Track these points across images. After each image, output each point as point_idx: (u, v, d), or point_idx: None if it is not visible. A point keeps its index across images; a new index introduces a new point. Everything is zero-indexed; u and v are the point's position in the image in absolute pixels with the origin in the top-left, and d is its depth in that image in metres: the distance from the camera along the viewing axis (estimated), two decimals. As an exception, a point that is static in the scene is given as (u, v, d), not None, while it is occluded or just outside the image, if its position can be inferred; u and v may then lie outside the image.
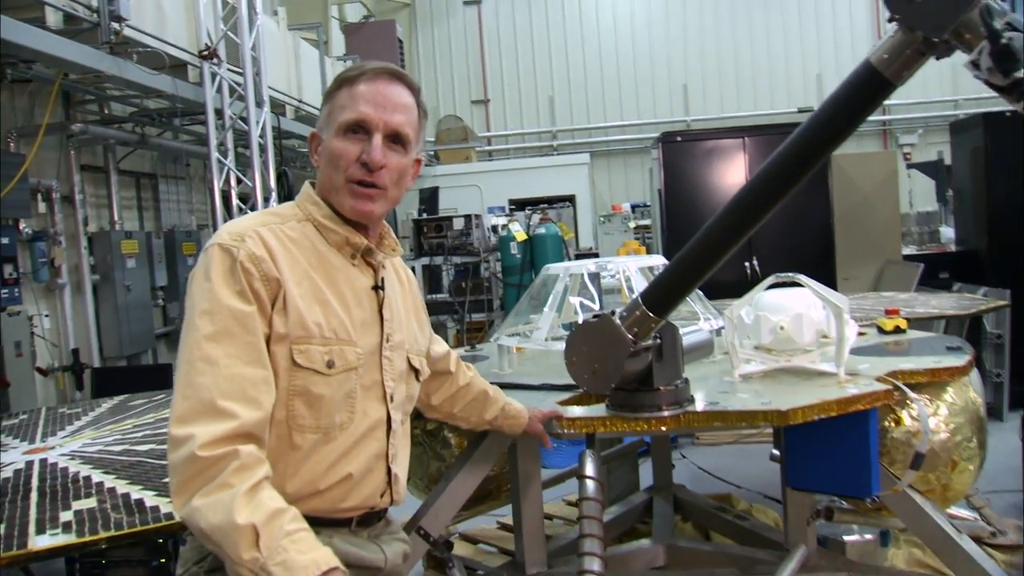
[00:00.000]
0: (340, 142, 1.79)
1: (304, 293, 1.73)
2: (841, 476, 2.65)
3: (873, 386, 2.60)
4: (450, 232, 9.77)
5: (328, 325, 1.75)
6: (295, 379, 1.70)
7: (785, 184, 2.03)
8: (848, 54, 14.88)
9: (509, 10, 16.13)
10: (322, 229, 1.83)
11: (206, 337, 1.60)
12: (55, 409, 4.12)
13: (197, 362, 1.59)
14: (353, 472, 1.80)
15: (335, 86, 1.86)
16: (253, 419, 1.58)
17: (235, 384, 1.58)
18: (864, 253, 7.86)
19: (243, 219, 1.81)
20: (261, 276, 1.68)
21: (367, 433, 1.82)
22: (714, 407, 2.53)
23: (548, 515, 4.29)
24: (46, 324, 6.53)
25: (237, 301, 1.64)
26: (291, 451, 1.72)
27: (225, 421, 1.54)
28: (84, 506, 2.52)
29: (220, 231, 1.75)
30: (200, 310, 1.63)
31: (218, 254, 1.68)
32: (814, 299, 2.93)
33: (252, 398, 1.60)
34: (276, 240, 1.74)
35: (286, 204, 1.92)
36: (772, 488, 4.99)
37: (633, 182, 15.63)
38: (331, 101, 1.85)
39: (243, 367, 1.61)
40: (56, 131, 6.42)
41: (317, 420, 1.73)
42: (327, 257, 1.81)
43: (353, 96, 1.80)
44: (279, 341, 1.69)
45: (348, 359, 1.77)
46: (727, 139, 7.76)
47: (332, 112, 1.83)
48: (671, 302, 2.32)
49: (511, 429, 2.59)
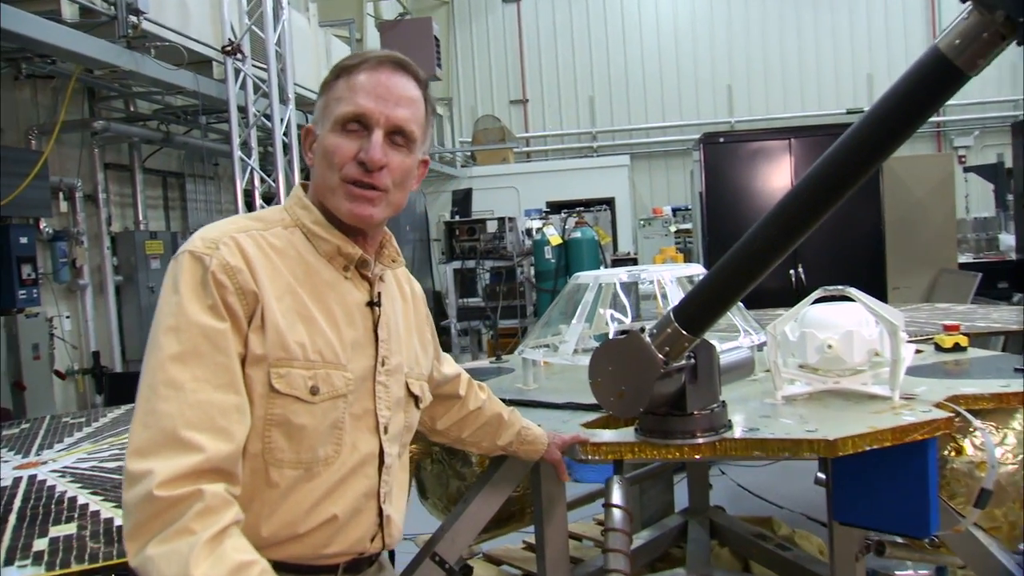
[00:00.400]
0: (336, 138, 1.59)
1: (285, 309, 1.52)
2: (895, 512, 2.42)
3: (932, 413, 2.35)
4: (483, 235, 9.58)
5: (313, 346, 1.54)
6: (273, 407, 1.49)
7: (838, 188, 1.77)
8: (901, 52, 14.52)
9: (549, 8, 15.95)
10: (311, 237, 1.62)
11: (171, 358, 1.40)
12: (59, 418, 3.96)
13: (159, 386, 1.38)
14: (339, 513, 1.58)
15: (332, 76, 1.64)
16: (222, 453, 1.37)
17: (202, 412, 1.38)
18: (917, 261, 7.54)
19: (221, 223, 1.60)
20: (236, 289, 1.47)
21: (356, 469, 1.61)
22: (754, 434, 2.30)
23: (576, 535, 4.12)
24: (66, 326, 6.46)
25: (208, 317, 1.44)
26: (267, 489, 1.51)
27: (189, 455, 1.34)
28: (62, 532, 2.32)
29: (193, 237, 1.54)
30: (165, 327, 1.43)
31: (188, 263, 1.47)
32: (866, 315, 2.68)
33: (221, 428, 1.39)
34: (255, 248, 1.53)
35: (273, 208, 1.71)
36: (817, 510, 4.73)
37: (675, 184, 15.39)
38: (327, 92, 1.63)
39: (212, 392, 1.40)
40: (78, 128, 6.35)
41: (298, 454, 1.52)
42: (315, 268, 1.60)
43: (352, 87, 1.60)
44: (256, 364, 1.48)
45: (335, 385, 1.56)
46: (772, 140, 7.49)
47: (328, 105, 1.62)
48: (707, 319, 2.07)
49: (527, 456, 2.38)
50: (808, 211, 1.82)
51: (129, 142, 7.30)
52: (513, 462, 2.70)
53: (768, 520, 4.41)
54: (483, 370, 3.53)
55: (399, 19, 11.91)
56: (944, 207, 7.85)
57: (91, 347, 6.66)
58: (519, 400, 2.78)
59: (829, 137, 7.38)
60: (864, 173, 1.73)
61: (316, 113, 1.66)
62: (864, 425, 2.26)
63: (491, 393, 2.32)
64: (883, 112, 1.66)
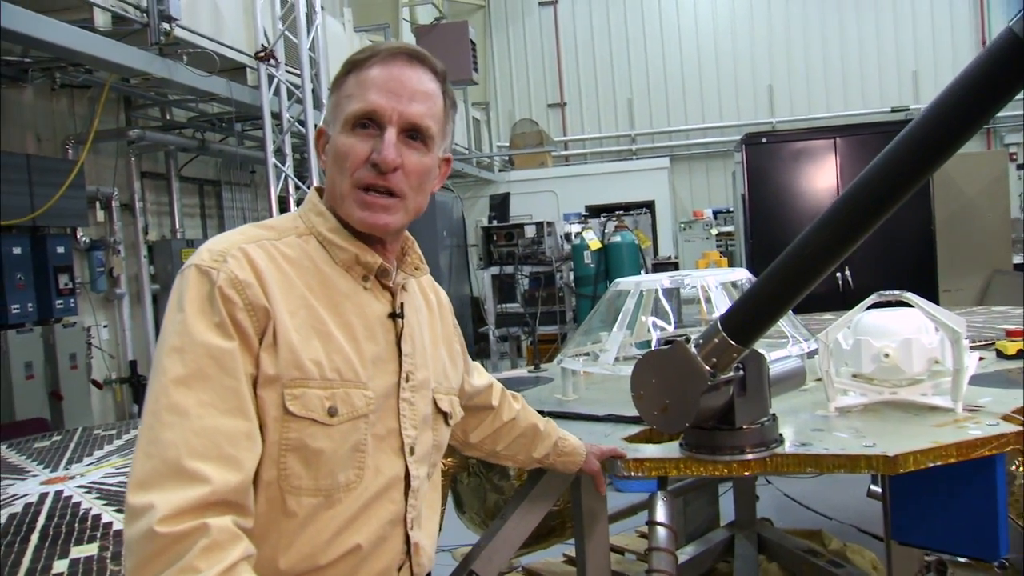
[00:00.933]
0: (346, 139, 1.48)
1: (300, 325, 1.42)
2: (959, 533, 2.29)
3: (1000, 427, 2.22)
4: (521, 240, 9.48)
5: (330, 364, 1.43)
6: (288, 431, 1.39)
7: (903, 185, 1.62)
8: (947, 49, 14.17)
9: (586, 10, 15.84)
10: (327, 245, 1.52)
11: (175, 381, 1.30)
12: (90, 430, 3.92)
13: (163, 412, 1.29)
14: (362, 543, 1.48)
15: (343, 71, 1.54)
16: (230, 484, 1.27)
17: (208, 439, 1.28)
18: (969, 263, 7.33)
19: (230, 234, 1.50)
20: (245, 305, 1.37)
21: (380, 494, 1.50)
22: (807, 449, 2.18)
23: (618, 548, 4.02)
24: (104, 335, 6.47)
25: (214, 336, 1.34)
26: (284, 519, 1.41)
27: (193, 487, 1.24)
28: (83, 553, 2.27)
29: (200, 249, 1.44)
30: (169, 347, 1.33)
31: (194, 278, 1.38)
32: (925, 321, 2.53)
33: (229, 457, 1.29)
34: (267, 259, 1.43)
35: (286, 215, 1.61)
36: (868, 521, 4.58)
37: (715, 187, 15.19)
38: (338, 90, 1.53)
39: (219, 418, 1.30)
40: (114, 137, 6.37)
41: (316, 481, 1.42)
42: (332, 280, 1.50)
43: (362, 83, 1.49)
44: (268, 384, 1.38)
45: (355, 405, 1.46)
46: (817, 140, 7.34)
47: (338, 103, 1.52)
48: (757, 329, 1.94)
49: (565, 468, 2.27)
50: (868, 212, 1.67)
51: (165, 150, 7.32)
52: (552, 476, 2.62)
53: (818, 533, 4.27)
54: (521, 379, 3.43)
55: (435, 23, 11.89)
56: (998, 206, 7.63)
57: (128, 356, 6.68)
58: (558, 412, 2.68)
59: (876, 136, 7.30)
60: (932, 168, 1.60)
61: (327, 113, 1.57)
62: (926, 440, 2.13)
63: (525, 403, 2.22)
64: (953, 101, 1.51)
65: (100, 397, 6.40)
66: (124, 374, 6.61)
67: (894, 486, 2.39)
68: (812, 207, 7.17)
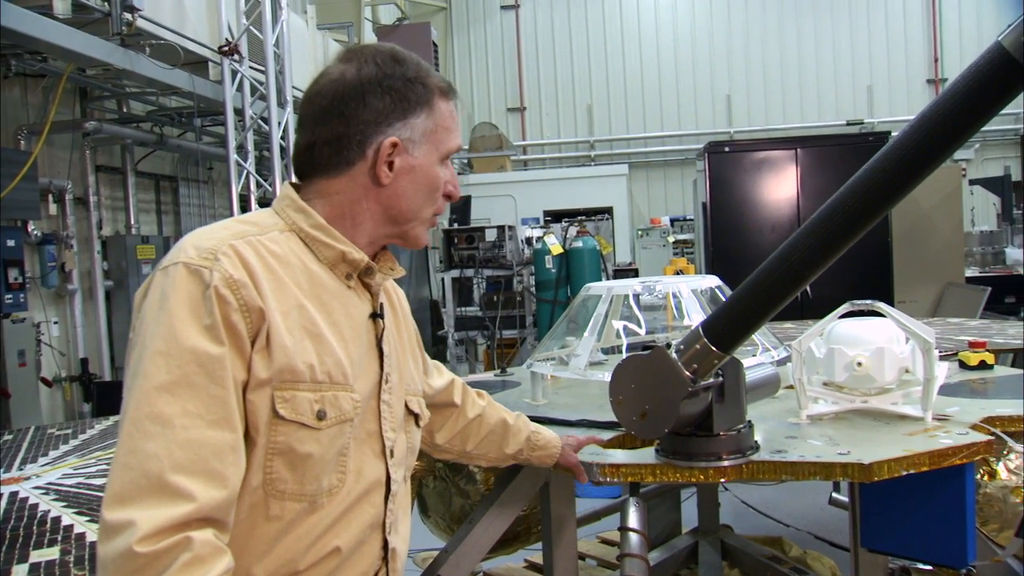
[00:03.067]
0: (441, 170, 1.57)
1: (292, 326, 1.37)
2: (929, 540, 2.30)
3: (970, 436, 2.24)
4: (482, 244, 9.44)
5: (321, 366, 1.39)
6: (276, 435, 1.34)
7: (889, 195, 1.64)
8: (901, 66, 14.48)
9: (548, 15, 15.88)
10: (311, 242, 1.47)
11: (158, 388, 1.24)
12: (44, 429, 3.81)
13: (144, 421, 1.22)
14: (342, 546, 1.44)
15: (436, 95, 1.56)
16: (215, 501, 1.22)
17: (193, 452, 1.22)
18: (923, 275, 7.45)
19: (212, 229, 1.44)
20: (240, 306, 1.31)
21: (361, 497, 1.47)
22: (782, 456, 2.18)
23: (581, 554, 3.98)
24: (54, 332, 6.31)
25: (204, 341, 1.27)
26: (266, 523, 1.36)
27: (177, 504, 1.18)
28: (44, 557, 2.19)
29: (183, 245, 1.38)
30: (153, 350, 1.26)
31: (183, 277, 1.31)
32: (896, 331, 2.55)
33: (215, 472, 1.23)
34: (256, 257, 1.38)
35: (263, 211, 1.55)
36: (825, 529, 4.63)
37: (672, 195, 15.31)
38: (434, 114, 1.54)
39: (205, 429, 1.24)
40: (69, 129, 6.22)
41: (301, 485, 1.37)
42: (319, 278, 1.46)
43: (454, 118, 1.60)
44: (259, 388, 1.33)
45: (343, 408, 1.42)
46: (778, 150, 7.39)
47: (436, 131, 1.54)
48: (739, 336, 1.94)
49: (541, 462, 2.24)
50: (855, 221, 1.67)
51: (121, 144, 7.17)
52: (521, 480, 2.61)
53: (778, 540, 4.30)
54: (488, 383, 3.40)
55: (397, 24, 11.83)
56: (952, 220, 7.77)
57: (79, 354, 6.52)
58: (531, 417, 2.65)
59: (837, 147, 7.40)
60: (919, 178, 1.60)
61: (412, 130, 1.52)
62: (899, 448, 2.15)
63: (491, 399, 2.19)
64: (941, 114, 1.52)
65: (49, 395, 6.23)
66: (75, 372, 6.45)
67: (864, 494, 2.41)
68: (773, 216, 7.25)
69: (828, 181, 7.08)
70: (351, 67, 1.52)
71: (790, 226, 6.76)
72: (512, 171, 14.48)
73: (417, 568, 3.57)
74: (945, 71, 14.38)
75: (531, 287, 9.39)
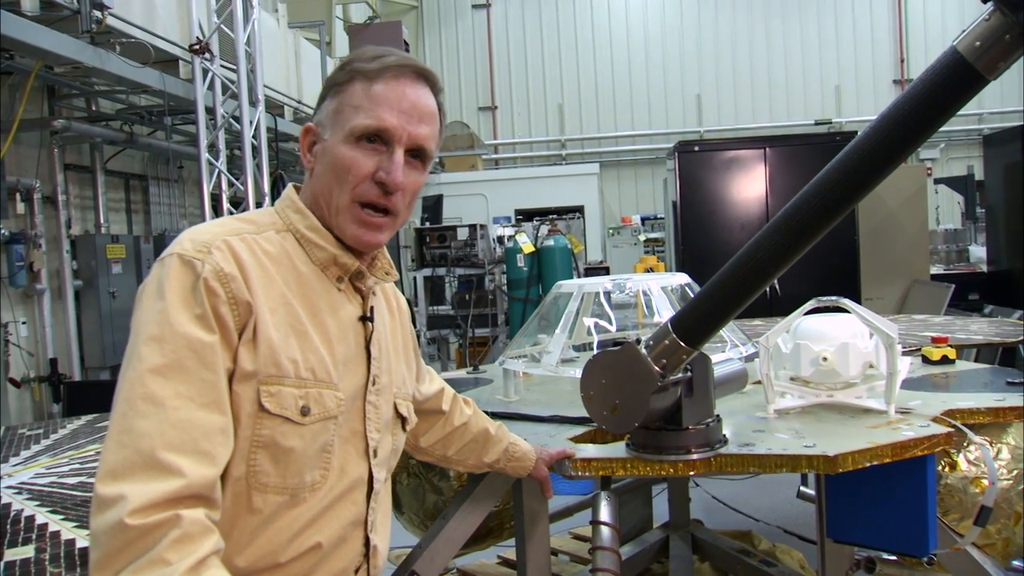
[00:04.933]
0: (350, 151, 1.47)
1: (279, 322, 1.41)
2: (892, 530, 2.35)
3: (931, 428, 2.29)
4: (454, 242, 9.46)
5: (305, 363, 1.43)
6: (261, 428, 1.38)
7: (850, 195, 1.69)
8: (868, 66, 14.66)
9: (519, 14, 15.91)
10: (305, 243, 1.50)
11: (152, 370, 1.28)
12: (14, 429, 3.78)
13: (138, 401, 1.26)
14: (323, 541, 1.47)
15: (346, 76, 1.51)
16: (204, 478, 1.25)
17: (184, 432, 1.26)
18: (890, 272, 7.56)
19: (210, 225, 1.48)
20: (228, 298, 1.35)
21: (343, 495, 1.50)
22: (750, 450, 2.22)
23: (553, 550, 4.00)
24: (22, 332, 6.24)
25: (196, 328, 1.32)
26: (248, 515, 1.39)
27: (167, 479, 1.21)
28: (18, 556, 2.18)
29: (181, 238, 1.42)
30: (147, 335, 1.30)
31: (177, 267, 1.35)
32: (860, 327, 2.61)
33: (204, 451, 1.27)
34: (249, 254, 1.41)
35: (264, 210, 1.59)
36: (793, 523, 4.69)
37: (643, 193, 15.39)
38: (341, 95, 1.50)
39: (196, 411, 1.28)
40: (37, 127, 6.14)
41: (284, 479, 1.41)
42: (309, 278, 1.49)
43: (372, 96, 1.48)
44: (244, 380, 1.36)
45: (327, 405, 1.45)
46: (747, 149, 7.47)
47: (342, 110, 1.49)
48: (707, 331, 1.98)
49: (515, 472, 2.28)
50: (818, 218, 1.72)
51: (91, 142, 7.10)
52: (494, 477, 2.61)
53: (748, 534, 4.34)
54: (461, 381, 3.42)
55: (368, 22, 11.79)
56: (917, 219, 7.88)
57: (48, 354, 6.45)
58: (502, 413, 2.68)
59: (805, 147, 7.49)
60: (878, 178, 1.65)
61: (322, 114, 1.53)
62: (863, 440, 2.19)
63: (477, 408, 2.21)
64: (899, 116, 1.58)
65: (17, 396, 6.16)
66: (44, 372, 6.37)
67: (830, 485, 2.45)
68: (742, 214, 7.33)
69: (796, 180, 7.16)
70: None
71: (759, 224, 6.82)
72: (484, 170, 14.50)
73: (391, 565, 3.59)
74: (911, 72, 14.56)
75: (503, 285, 9.42)
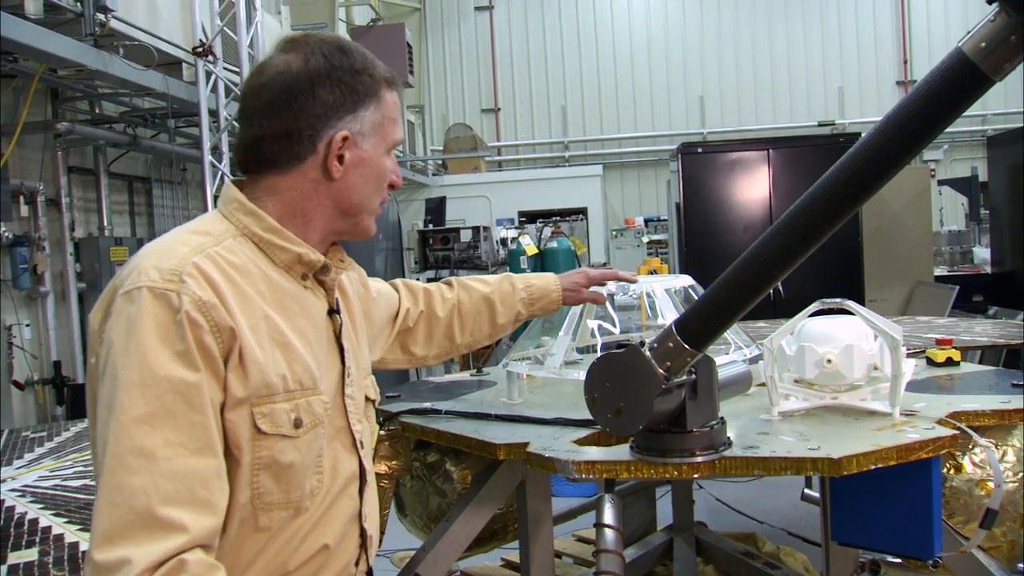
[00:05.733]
0: (388, 161, 1.57)
1: (262, 339, 1.36)
2: (897, 533, 2.34)
3: (936, 430, 2.27)
4: (457, 244, 9.46)
5: (292, 375, 1.39)
6: (260, 450, 1.34)
7: (855, 196, 1.68)
8: (872, 68, 14.62)
9: (522, 16, 15.89)
10: (265, 246, 1.45)
11: (137, 420, 1.22)
12: (18, 432, 3.79)
13: (126, 456, 1.20)
14: (329, 543, 1.47)
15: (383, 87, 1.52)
16: (205, 529, 1.22)
17: (180, 483, 1.21)
18: (894, 274, 7.54)
19: (168, 245, 1.39)
20: (212, 328, 1.29)
21: (340, 493, 1.50)
22: (754, 452, 2.21)
23: (557, 553, 4.00)
24: (26, 335, 6.24)
25: (178, 368, 1.25)
26: (255, 534, 1.37)
27: (170, 536, 1.18)
28: (22, 559, 2.20)
29: (143, 266, 1.33)
30: (127, 381, 1.23)
31: (149, 302, 1.27)
32: (865, 329, 2.60)
33: (204, 500, 1.23)
34: (219, 272, 1.35)
35: (210, 216, 1.52)
36: (797, 525, 4.68)
37: (647, 195, 15.36)
38: (379, 106, 1.52)
39: (189, 458, 1.23)
40: (41, 130, 6.15)
41: (287, 494, 1.38)
42: (278, 283, 1.44)
43: (398, 108, 1.56)
44: (237, 406, 1.32)
45: (316, 412, 1.43)
46: (750, 151, 7.46)
47: (383, 123, 1.52)
48: (711, 333, 1.98)
49: (545, 312, 2.37)
50: (823, 220, 1.71)
51: (94, 145, 7.10)
52: (498, 479, 2.62)
53: (752, 536, 4.33)
54: (464, 383, 3.41)
55: (371, 25, 11.79)
56: (921, 220, 7.87)
57: (52, 357, 6.45)
58: (505, 415, 2.67)
59: (808, 148, 7.49)
60: (884, 179, 1.65)
61: (361, 123, 1.49)
62: (867, 443, 2.17)
63: (464, 280, 2.23)
64: (904, 118, 1.57)
65: (21, 398, 6.17)
66: (47, 375, 6.39)
67: (834, 488, 2.44)
68: (745, 216, 7.33)
69: (800, 181, 7.15)
70: (296, 58, 1.47)
71: (762, 226, 6.82)
72: (487, 172, 14.48)
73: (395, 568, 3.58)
74: (915, 73, 14.52)
75: (506, 287, 9.40)
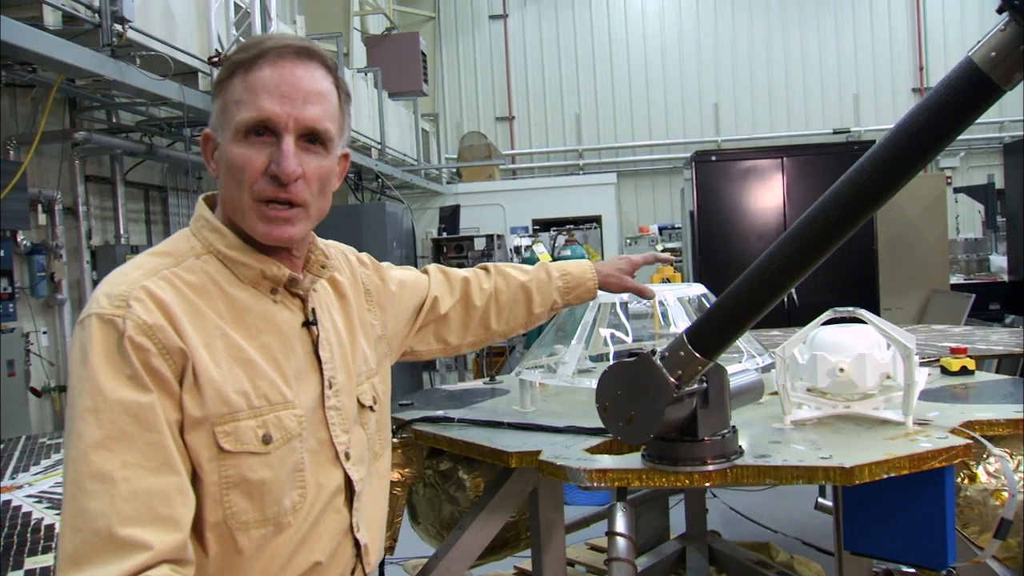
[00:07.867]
0: (240, 149, 1.39)
1: (219, 357, 1.35)
2: (910, 543, 2.33)
3: (949, 440, 2.26)
4: (471, 252, 9.48)
5: (256, 391, 1.38)
6: (226, 469, 1.34)
7: (866, 205, 1.69)
8: (887, 75, 14.56)
9: (536, 25, 15.91)
10: (229, 263, 1.44)
11: (93, 445, 1.22)
12: (35, 438, 3.81)
13: (85, 481, 1.21)
14: (321, 559, 1.46)
15: (226, 72, 1.44)
16: (168, 544, 1.22)
17: (139, 502, 1.21)
18: (909, 282, 7.51)
19: (127, 269, 1.39)
20: (160, 350, 1.29)
21: (326, 507, 1.48)
22: (766, 461, 2.20)
23: (569, 561, 3.99)
24: (43, 342, 6.28)
25: (129, 390, 1.26)
26: (236, 555, 1.36)
27: (133, 555, 1.18)
28: (38, 564, 2.21)
29: (96, 294, 1.35)
30: (81, 409, 1.25)
31: (97, 329, 1.29)
32: (877, 337, 2.59)
33: (166, 517, 1.23)
34: (173, 293, 1.35)
35: (179, 235, 1.50)
36: (811, 534, 4.66)
37: (661, 203, 15.33)
38: (223, 93, 1.43)
39: (148, 477, 1.23)
40: (58, 139, 6.19)
41: (263, 511, 1.38)
42: (240, 300, 1.43)
43: (251, 87, 1.40)
44: (196, 427, 1.32)
45: (287, 427, 1.41)
46: (764, 159, 7.46)
47: (226, 108, 1.42)
48: (722, 342, 1.98)
49: (581, 300, 2.35)
50: (833, 229, 1.72)
51: (111, 154, 7.15)
52: (510, 487, 2.61)
53: (765, 545, 4.31)
54: (477, 391, 3.42)
55: (386, 34, 11.86)
56: (937, 228, 7.83)
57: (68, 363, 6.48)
58: (517, 423, 2.68)
59: (822, 156, 7.47)
60: (894, 189, 1.65)
61: (213, 118, 1.46)
62: (880, 452, 2.17)
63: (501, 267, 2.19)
64: (915, 127, 1.58)
65: (38, 405, 6.21)
66: (64, 382, 6.42)
67: (847, 497, 2.43)
68: (759, 224, 7.32)
69: (814, 189, 7.13)
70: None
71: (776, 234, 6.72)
72: (501, 180, 14.48)
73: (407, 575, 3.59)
74: (931, 80, 14.45)
75: (520, 296, 9.40)
